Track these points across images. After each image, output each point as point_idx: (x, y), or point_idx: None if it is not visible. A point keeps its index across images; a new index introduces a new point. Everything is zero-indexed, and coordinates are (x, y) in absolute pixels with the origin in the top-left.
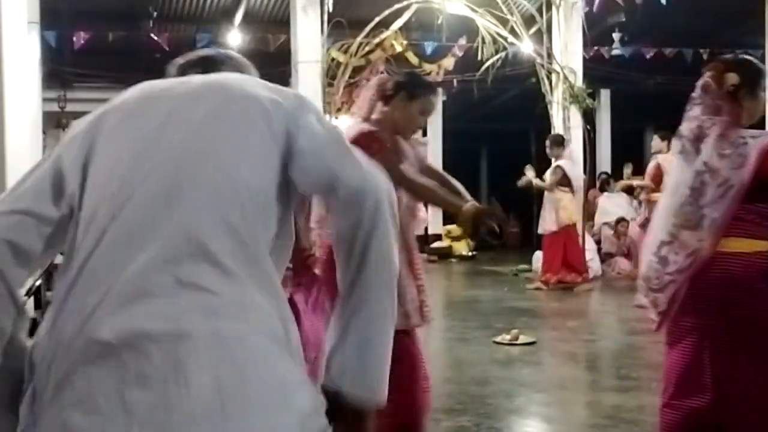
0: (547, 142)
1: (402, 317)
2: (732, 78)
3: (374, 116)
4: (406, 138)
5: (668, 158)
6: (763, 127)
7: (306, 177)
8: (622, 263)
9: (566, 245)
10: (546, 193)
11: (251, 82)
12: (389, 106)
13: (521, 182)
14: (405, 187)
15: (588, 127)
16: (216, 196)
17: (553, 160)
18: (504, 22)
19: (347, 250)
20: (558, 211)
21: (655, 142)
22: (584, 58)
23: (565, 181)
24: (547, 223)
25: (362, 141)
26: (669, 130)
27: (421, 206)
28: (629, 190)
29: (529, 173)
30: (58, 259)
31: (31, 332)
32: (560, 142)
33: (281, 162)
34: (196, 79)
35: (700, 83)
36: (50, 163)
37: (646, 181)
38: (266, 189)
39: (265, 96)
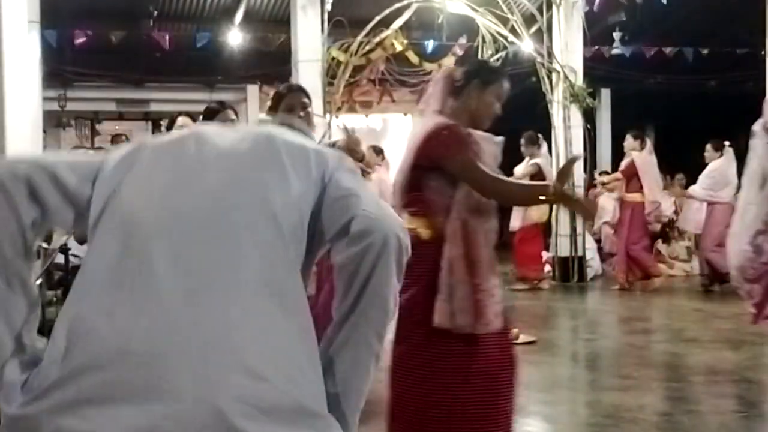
0: (522, 141)
1: (446, 316)
2: None
3: (447, 110)
4: (483, 128)
5: (642, 156)
6: None
7: (330, 222)
8: None
9: (534, 242)
10: None
11: (298, 137)
12: (461, 98)
13: None
14: (488, 187)
15: (588, 126)
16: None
17: (527, 158)
18: (504, 21)
19: (347, 282)
20: (529, 208)
21: (628, 141)
22: (584, 58)
23: (541, 179)
24: (517, 220)
25: (443, 134)
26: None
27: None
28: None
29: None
30: (77, 261)
31: None
32: (535, 140)
33: (313, 208)
34: (246, 126)
35: None
36: (97, 160)
37: (617, 174)
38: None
39: (311, 147)
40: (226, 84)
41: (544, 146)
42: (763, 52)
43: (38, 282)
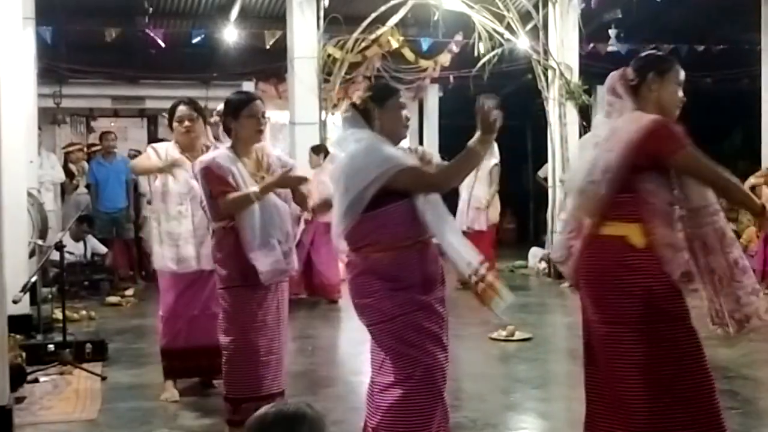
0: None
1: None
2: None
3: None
4: (674, 118)
5: None
6: None
7: None
8: None
9: (490, 242)
10: (481, 190)
11: None
12: (642, 95)
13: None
14: (720, 183)
15: (584, 123)
16: None
17: (494, 159)
18: (500, 18)
19: None
20: (490, 209)
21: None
22: (580, 55)
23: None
24: (479, 222)
25: (661, 130)
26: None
27: None
28: None
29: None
30: (72, 258)
31: (26, 329)
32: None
33: None
34: None
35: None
36: None
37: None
38: None
39: None
40: (222, 81)
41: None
42: (758, 49)
43: (33, 279)
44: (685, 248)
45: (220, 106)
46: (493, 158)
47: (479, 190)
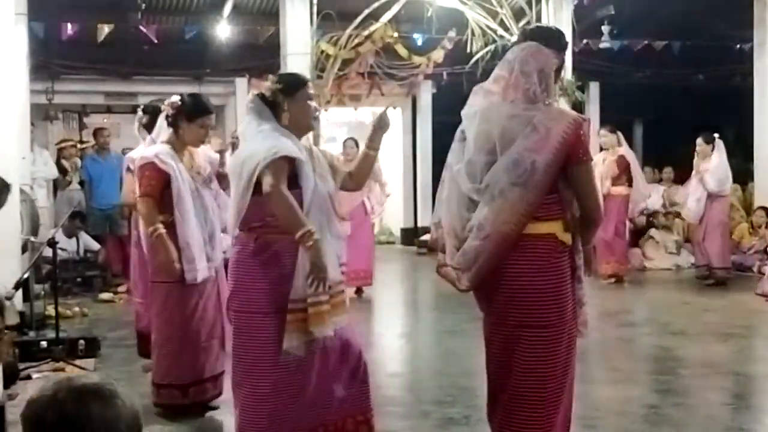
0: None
1: None
2: None
3: None
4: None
5: (629, 150)
6: None
7: None
8: None
9: None
10: None
11: None
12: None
13: None
14: (593, 206)
15: None
16: None
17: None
18: (493, 14)
19: None
20: None
21: (609, 138)
22: (573, 51)
23: None
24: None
25: (584, 132)
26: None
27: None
28: None
29: None
30: (65, 255)
31: (19, 326)
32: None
33: None
34: None
35: None
36: None
37: (613, 172)
38: None
39: None
40: (215, 77)
41: None
42: (750, 46)
43: (26, 275)
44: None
45: (175, 98)
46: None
47: None
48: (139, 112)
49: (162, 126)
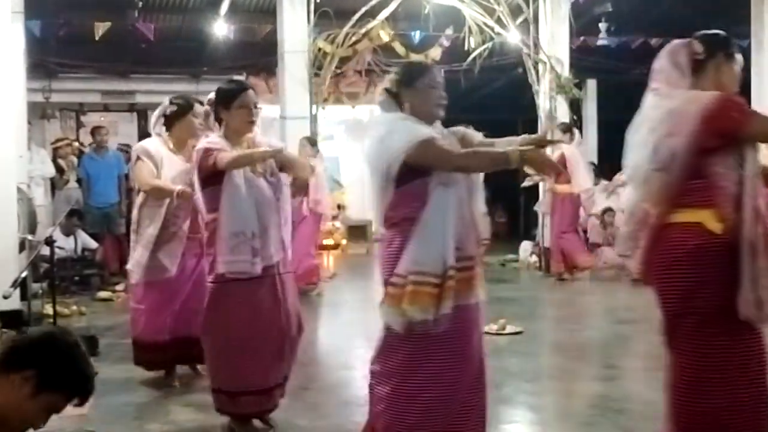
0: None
1: (752, 307)
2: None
3: (686, 87)
4: None
5: (571, 149)
6: None
7: None
8: (609, 253)
9: None
10: None
11: None
12: (705, 72)
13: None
14: None
15: (575, 117)
16: None
17: None
18: (491, 12)
19: None
20: None
21: (557, 135)
22: (571, 48)
23: None
24: None
25: (728, 106)
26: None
27: None
28: None
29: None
30: (63, 253)
31: (17, 324)
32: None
33: None
34: None
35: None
36: None
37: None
38: None
39: None
40: (212, 75)
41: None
42: (747, 43)
43: (24, 274)
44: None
45: (212, 95)
46: None
47: None
48: (165, 102)
49: (214, 124)
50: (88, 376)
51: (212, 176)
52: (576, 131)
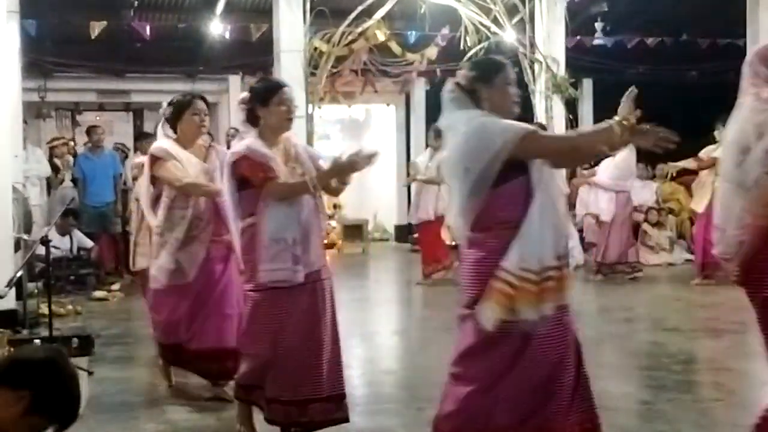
0: (431, 134)
1: None
2: None
3: None
4: None
5: None
6: None
7: None
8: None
9: (439, 234)
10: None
11: None
12: None
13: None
14: None
15: (570, 116)
16: None
17: (431, 150)
18: (487, 11)
19: None
20: (438, 200)
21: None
22: (566, 48)
23: None
24: (425, 212)
25: None
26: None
27: None
28: None
29: (416, 171)
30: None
31: (12, 324)
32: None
33: None
34: None
35: None
36: None
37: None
38: None
39: None
40: (208, 75)
41: None
42: (743, 43)
43: (19, 274)
44: None
45: (245, 94)
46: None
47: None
48: (164, 105)
49: (245, 124)
50: (78, 407)
51: (246, 180)
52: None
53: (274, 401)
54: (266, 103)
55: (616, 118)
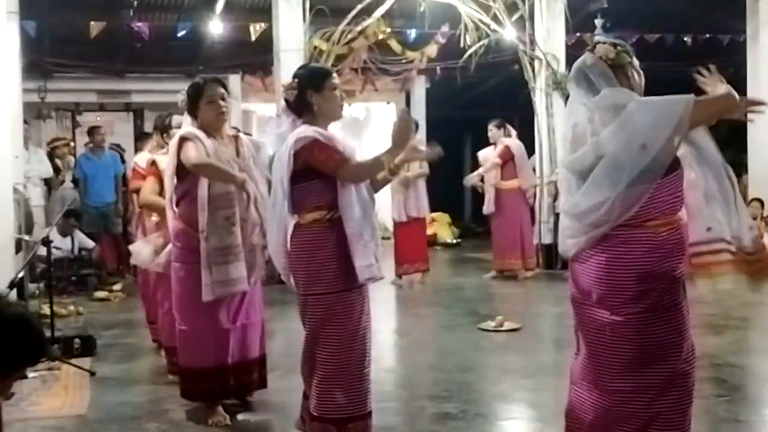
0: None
1: None
2: None
3: None
4: None
5: (515, 141)
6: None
7: None
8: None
9: (422, 233)
10: (410, 179)
11: None
12: None
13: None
14: None
15: None
16: None
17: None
18: (486, 8)
19: None
20: (420, 198)
21: (493, 132)
22: (567, 45)
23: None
24: (397, 213)
25: None
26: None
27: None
28: None
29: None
30: (59, 253)
31: None
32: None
33: None
34: None
35: None
36: None
37: (496, 160)
38: None
39: None
40: (208, 74)
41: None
42: (743, 38)
43: (20, 274)
44: None
45: (289, 81)
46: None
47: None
48: (181, 95)
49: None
50: (33, 340)
51: (303, 171)
52: (510, 127)
53: (350, 420)
54: (319, 88)
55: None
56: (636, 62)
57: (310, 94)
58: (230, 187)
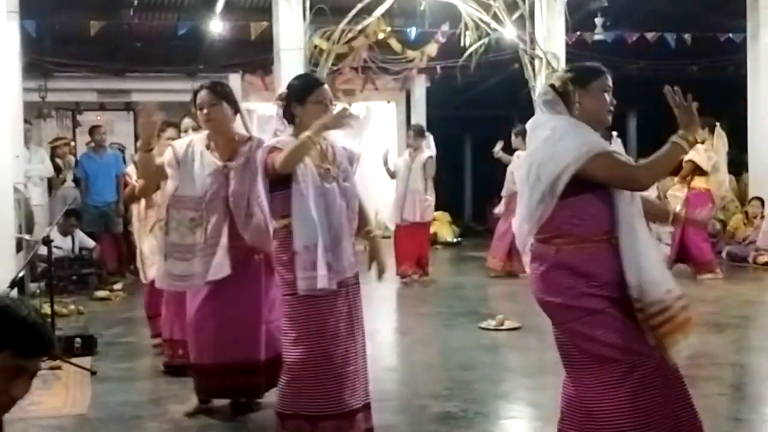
0: (410, 132)
1: None
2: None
3: None
4: None
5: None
6: None
7: None
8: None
9: (423, 238)
10: (418, 182)
11: None
12: None
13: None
14: None
15: None
16: None
17: (411, 150)
18: (487, 7)
19: None
20: (425, 201)
21: (514, 140)
22: (567, 44)
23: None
24: (407, 215)
25: None
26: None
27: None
28: None
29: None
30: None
31: None
32: (422, 132)
33: None
34: None
35: None
36: None
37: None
38: None
39: None
40: (208, 73)
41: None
42: (743, 37)
43: (21, 274)
44: None
45: (282, 91)
46: (427, 151)
47: (415, 183)
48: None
49: (282, 121)
50: (30, 326)
51: (278, 180)
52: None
53: (320, 419)
54: (303, 101)
55: (680, 132)
56: (599, 85)
57: (294, 106)
58: (200, 192)
